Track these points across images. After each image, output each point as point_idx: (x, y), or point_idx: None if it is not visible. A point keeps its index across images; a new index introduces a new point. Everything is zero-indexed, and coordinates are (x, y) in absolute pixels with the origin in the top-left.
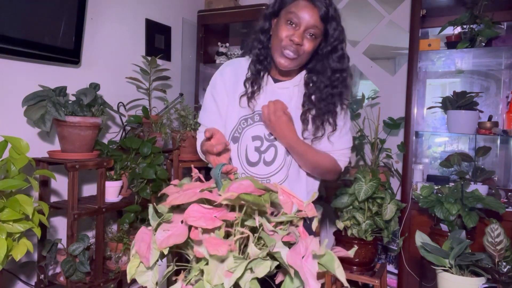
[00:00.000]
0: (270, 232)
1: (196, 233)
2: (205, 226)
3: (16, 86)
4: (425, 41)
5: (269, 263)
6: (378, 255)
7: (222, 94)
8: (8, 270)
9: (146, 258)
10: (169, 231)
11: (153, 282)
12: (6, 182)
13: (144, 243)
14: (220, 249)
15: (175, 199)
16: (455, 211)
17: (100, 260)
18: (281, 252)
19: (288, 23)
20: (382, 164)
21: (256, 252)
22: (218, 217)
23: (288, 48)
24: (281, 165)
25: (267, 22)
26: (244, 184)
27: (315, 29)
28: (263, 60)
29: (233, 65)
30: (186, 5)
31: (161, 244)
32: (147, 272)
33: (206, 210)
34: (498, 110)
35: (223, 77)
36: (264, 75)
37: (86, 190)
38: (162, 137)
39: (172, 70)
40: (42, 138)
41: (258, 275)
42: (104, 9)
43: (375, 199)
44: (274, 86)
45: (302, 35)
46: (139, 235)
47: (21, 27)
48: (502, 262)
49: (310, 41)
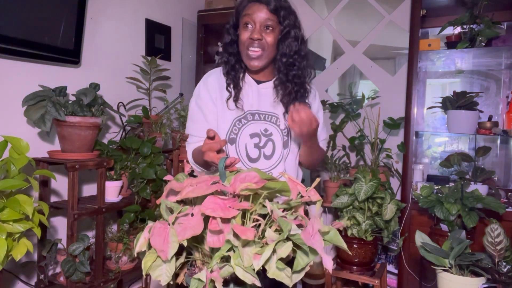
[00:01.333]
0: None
1: (215, 223)
2: (223, 216)
3: (16, 86)
4: (425, 41)
5: (291, 244)
6: (378, 255)
7: (207, 102)
8: (8, 270)
9: (164, 252)
10: (183, 223)
11: (168, 274)
12: (6, 182)
13: (160, 237)
14: (248, 234)
15: (191, 192)
16: (455, 211)
17: (100, 260)
18: (299, 233)
19: (245, 26)
20: (382, 164)
21: (275, 235)
22: (233, 206)
23: (251, 45)
24: (279, 158)
25: (231, 35)
26: (250, 175)
27: (269, 21)
28: (234, 64)
29: (214, 74)
30: (186, 5)
31: (178, 237)
32: (161, 266)
33: (221, 201)
34: (498, 110)
35: (206, 86)
36: (240, 77)
37: (86, 190)
38: (162, 137)
39: (172, 70)
40: (42, 138)
41: (282, 255)
42: (104, 9)
43: (375, 199)
44: (258, 87)
45: (259, 31)
46: (154, 230)
47: (21, 27)
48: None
49: (270, 34)
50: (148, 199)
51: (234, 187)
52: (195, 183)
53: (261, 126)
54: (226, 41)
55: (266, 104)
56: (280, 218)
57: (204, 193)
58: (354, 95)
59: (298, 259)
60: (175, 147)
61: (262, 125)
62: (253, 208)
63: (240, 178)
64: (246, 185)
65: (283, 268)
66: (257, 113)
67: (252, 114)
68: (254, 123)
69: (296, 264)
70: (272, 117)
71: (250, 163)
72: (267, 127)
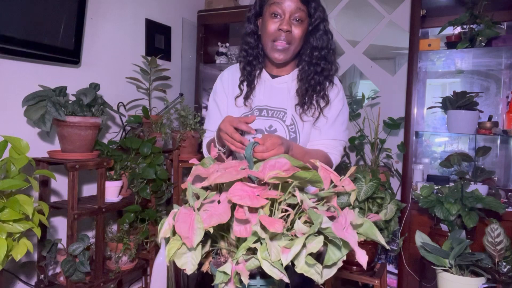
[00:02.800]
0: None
1: (242, 212)
2: (250, 204)
3: (16, 86)
4: (425, 41)
5: (322, 238)
6: (378, 255)
7: (222, 96)
8: (8, 270)
9: (190, 239)
10: (209, 210)
11: (193, 263)
12: (6, 182)
13: (185, 224)
14: (277, 226)
15: (219, 177)
16: (455, 211)
17: (100, 260)
18: (331, 226)
19: (273, 15)
20: (382, 164)
21: (305, 228)
22: (261, 195)
23: (279, 38)
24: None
25: (252, 24)
26: (280, 162)
27: (300, 12)
28: (252, 60)
29: (230, 69)
30: (186, 5)
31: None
32: (186, 254)
33: (250, 188)
34: (498, 110)
35: (222, 80)
36: (256, 74)
37: (86, 190)
38: (162, 137)
39: (172, 70)
40: (42, 138)
41: (312, 250)
42: (104, 9)
43: (375, 199)
44: (272, 82)
45: (289, 22)
46: (179, 216)
47: (21, 27)
48: (502, 262)
49: (298, 26)
50: (148, 199)
51: (264, 173)
52: (223, 168)
53: (266, 122)
54: (246, 31)
55: (277, 100)
56: (310, 209)
57: (232, 179)
58: (354, 95)
59: (330, 253)
60: (175, 147)
61: (267, 122)
62: (281, 198)
63: (269, 165)
64: (275, 172)
65: (313, 264)
66: (265, 108)
67: (260, 109)
68: (259, 119)
69: (327, 258)
70: (280, 113)
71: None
72: (272, 123)
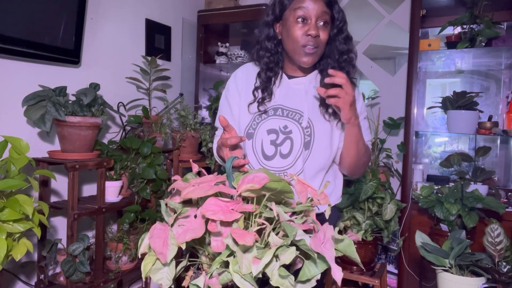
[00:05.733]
0: (287, 221)
1: (214, 225)
2: (224, 219)
3: (16, 86)
4: (425, 41)
5: (294, 249)
6: (378, 255)
7: (235, 94)
8: (8, 270)
9: (163, 254)
10: (184, 225)
11: (169, 278)
12: (6, 182)
13: (159, 239)
14: (247, 239)
15: (191, 192)
16: (455, 211)
17: (100, 260)
18: (305, 239)
19: (298, 20)
20: (382, 164)
21: (278, 240)
22: (235, 209)
23: (308, 43)
24: (296, 157)
25: (271, 28)
26: (259, 176)
27: (325, 15)
28: (273, 67)
29: (245, 68)
30: (186, 5)
31: (178, 239)
32: (162, 269)
33: (223, 203)
34: (498, 110)
35: (236, 78)
36: (275, 80)
37: (86, 190)
38: (162, 137)
39: (172, 70)
40: (42, 138)
41: (285, 262)
42: (104, 9)
43: (375, 199)
44: (289, 82)
45: (316, 27)
46: (154, 231)
47: (21, 27)
48: (502, 262)
49: (324, 30)
50: (148, 199)
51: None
52: (198, 183)
53: (280, 122)
54: (265, 36)
55: (292, 101)
56: (284, 222)
57: (205, 194)
58: None
59: (305, 268)
60: (175, 147)
61: (282, 121)
62: (257, 211)
63: (248, 179)
64: (248, 186)
65: (287, 276)
66: (280, 108)
67: (275, 109)
68: (274, 119)
69: (302, 274)
70: (296, 114)
71: (265, 160)
72: (288, 124)
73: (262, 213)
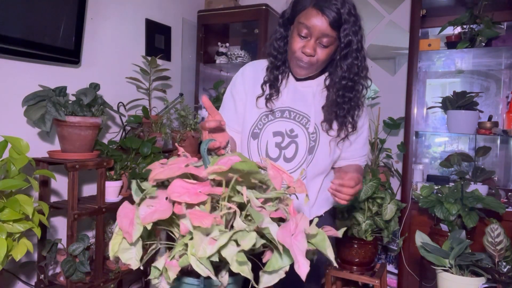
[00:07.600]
0: (258, 208)
1: (180, 207)
2: (189, 201)
3: (16, 86)
4: (425, 41)
5: (254, 235)
6: (378, 255)
7: (241, 91)
8: (8, 270)
9: (129, 234)
10: (153, 206)
11: (136, 259)
12: (6, 182)
13: (126, 219)
14: (204, 221)
15: (159, 173)
16: (455, 211)
17: (100, 260)
18: (269, 227)
19: (299, 34)
20: (382, 164)
21: (242, 225)
22: (203, 192)
23: (301, 58)
24: (301, 162)
25: (283, 29)
26: (232, 159)
27: (326, 37)
28: (280, 65)
29: (253, 65)
30: (186, 5)
31: (144, 219)
32: (130, 249)
33: (190, 185)
34: (498, 110)
35: (243, 75)
36: (282, 79)
37: (86, 190)
38: (162, 137)
39: (172, 70)
40: (42, 138)
41: (244, 248)
42: (104, 9)
43: (375, 199)
44: (297, 84)
45: (313, 46)
46: (122, 210)
47: (21, 27)
48: (502, 262)
49: (323, 50)
50: None
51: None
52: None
53: (287, 125)
54: (277, 36)
55: (300, 103)
56: (251, 208)
57: (172, 175)
58: None
59: (272, 259)
60: (175, 147)
61: (288, 124)
62: (224, 194)
63: (222, 162)
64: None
65: (244, 262)
66: (287, 110)
67: (282, 111)
68: (280, 121)
69: (268, 264)
70: (303, 118)
71: None
72: (294, 127)
73: (232, 197)
